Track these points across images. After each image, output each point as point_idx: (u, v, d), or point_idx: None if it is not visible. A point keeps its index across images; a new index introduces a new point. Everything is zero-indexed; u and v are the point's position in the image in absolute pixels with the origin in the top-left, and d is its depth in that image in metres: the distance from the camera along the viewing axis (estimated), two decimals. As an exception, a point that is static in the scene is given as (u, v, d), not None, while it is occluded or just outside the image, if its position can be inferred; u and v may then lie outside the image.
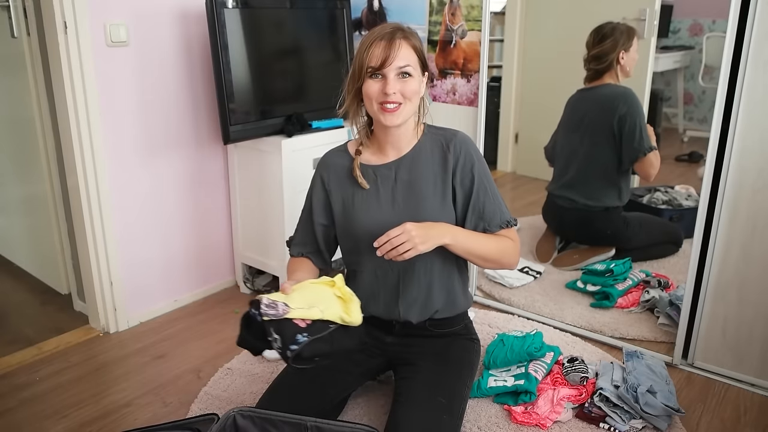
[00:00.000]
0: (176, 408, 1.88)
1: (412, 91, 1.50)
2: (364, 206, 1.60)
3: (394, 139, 1.59)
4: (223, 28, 2.16)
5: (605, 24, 2.47)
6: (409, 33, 1.52)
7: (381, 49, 1.47)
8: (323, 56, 2.59)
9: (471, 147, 1.60)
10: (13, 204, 2.79)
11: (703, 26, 2.61)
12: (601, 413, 1.74)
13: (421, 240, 1.43)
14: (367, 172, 1.61)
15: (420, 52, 1.53)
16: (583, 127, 2.59)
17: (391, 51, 1.46)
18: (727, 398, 1.91)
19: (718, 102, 1.83)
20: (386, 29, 1.49)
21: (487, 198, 1.59)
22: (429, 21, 2.48)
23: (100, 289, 2.28)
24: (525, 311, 2.40)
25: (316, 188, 1.67)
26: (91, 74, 2.09)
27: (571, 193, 2.63)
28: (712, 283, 1.97)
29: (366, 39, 1.50)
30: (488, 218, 1.59)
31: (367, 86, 1.50)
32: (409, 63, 1.49)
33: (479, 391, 1.83)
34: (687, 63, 2.69)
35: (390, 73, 1.47)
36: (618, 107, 2.45)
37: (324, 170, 1.66)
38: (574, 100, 2.61)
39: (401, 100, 1.49)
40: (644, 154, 2.44)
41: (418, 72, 1.52)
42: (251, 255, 2.59)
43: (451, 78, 2.47)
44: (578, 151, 2.61)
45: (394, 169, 1.60)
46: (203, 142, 2.49)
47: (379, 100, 1.49)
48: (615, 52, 2.43)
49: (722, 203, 1.89)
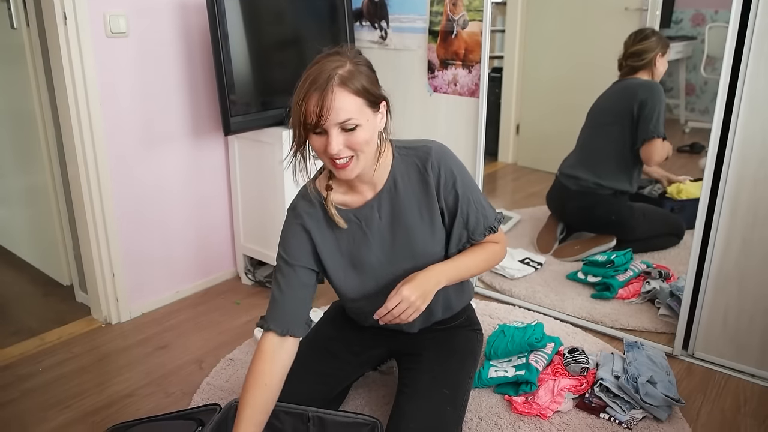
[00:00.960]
0: (178, 398, 1.89)
1: (361, 142, 1.31)
2: (355, 255, 1.49)
3: (363, 180, 1.44)
4: (223, 18, 2.15)
5: (645, 28, 2.52)
6: (347, 76, 1.28)
7: (315, 103, 1.27)
8: (323, 46, 2.57)
9: (448, 160, 1.46)
10: (14, 195, 2.79)
11: (705, 16, 2.60)
12: (601, 403, 1.75)
13: (422, 300, 1.37)
14: (348, 217, 1.47)
15: (365, 93, 1.31)
16: (607, 113, 2.61)
17: (325, 105, 1.26)
18: (727, 389, 1.92)
19: (720, 93, 1.83)
20: (321, 77, 1.27)
21: (470, 208, 1.48)
22: (430, 11, 2.47)
23: (102, 280, 2.28)
24: (526, 302, 2.40)
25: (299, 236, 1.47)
26: (91, 65, 2.08)
27: (582, 171, 2.64)
28: (712, 274, 1.97)
29: (300, 88, 1.30)
30: (472, 228, 1.50)
31: (311, 140, 1.33)
32: (351, 115, 1.28)
33: (480, 382, 1.84)
34: (689, 53, 2.68)
35: (330, 129, 1.28)
36: (642, 92, 2.50)
37: (306, 219, 1.47)
38: (605, 93, 2.63)
39: (350, 154, 1.32)
40: (655, 136, 2.47)
41: (366, 116, 1.32)
42: (252, 246, 2.60)
43: (452, 69, 2.46)
44: (598, 133, 2.63)
45: (375, 208, 1.47)
46: (203, 133, 2.49)
47: (329, 155, 1.32)
48: (654, 52, 2.48)
49: (723, 194, 1.89)
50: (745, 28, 1.76)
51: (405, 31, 2.54)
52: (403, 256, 1.48)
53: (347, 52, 1.35)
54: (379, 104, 1.36)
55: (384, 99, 1.38)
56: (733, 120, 1.83)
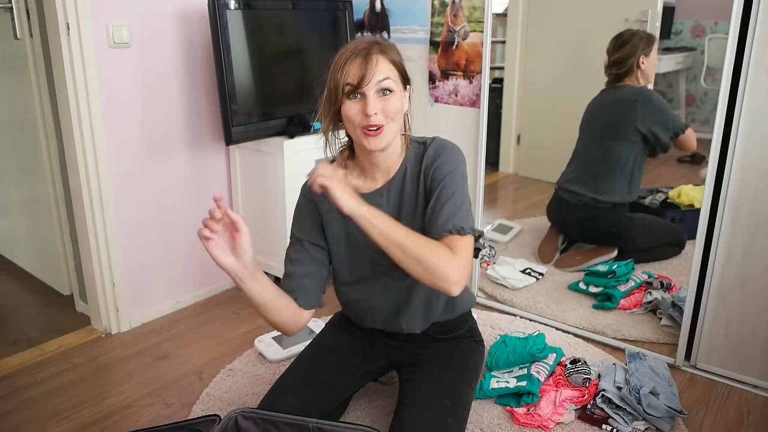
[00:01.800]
0: (178, 409, 1.88)
1: (395, 109, 1.37)
2: (359, 236, 1.46)
3: (381, 162, 1.47)
4: (225, 29, 2.16)
5: (625, 31, 2.51)
6: (387, 46, 1.39)
7: (357, 66, 1.34)
8: (325, 57, 2.56)
9: (443, 150, 1.46)
10: (16, 205, 2.79)
11: (705, 28, 2.61)
12: (603, 415, 1.74)
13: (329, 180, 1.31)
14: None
15: (400, 66, 1.41)
16: (603, 125, 2.61)
17: (368, 67, 1.33)
18: (730, 400, 1.90)
19: (720, 104, 1.83)
20: (361, 44, 1.37)
21: (449, 200, 1.40)
22: (431, 22, 2.48)
23: (102, 290, 2.28)
24: (527, 312, 2.40)
25: (309, 213, 1.53)
26: (94, 76, 2.09)
27: (579, 186, 2.63)
28: (714, 284, 1.96)
29: (340, 56, 1.37)
30: (442, 219, 1.38)
31: (345, 108, 1.36)
32: (389, 77, 1.36)
33: (481, 393, 1.83)
34: (689, 64, 2.69)
35: (369, 91, 1.34)
36: (639, 107, 2.50)
37: (313, 197, 1.50)
38: (594, 102, 2.63)
39: (383, 122, 1.36)
40: (681, 132, 2.47)
41: (400, 87, 1.40)
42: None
43: (453, 79, 2.47)
44: (596, 146, 2.63)
45: (385, 196, 1.49)
46: (205, 143, 2.49)
47: (362, 124, 1.36)
48: (635, 57, 2.47)
49: (725, 205, 1.89)
50: (744, 39, 1.77)
51: (406, 42, 2.56)
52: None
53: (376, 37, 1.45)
54: (407, 84, 1.45)
55: (410, 82, 1.46)
56: (733, 131, 1.83)
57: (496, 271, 2.60)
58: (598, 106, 2.62)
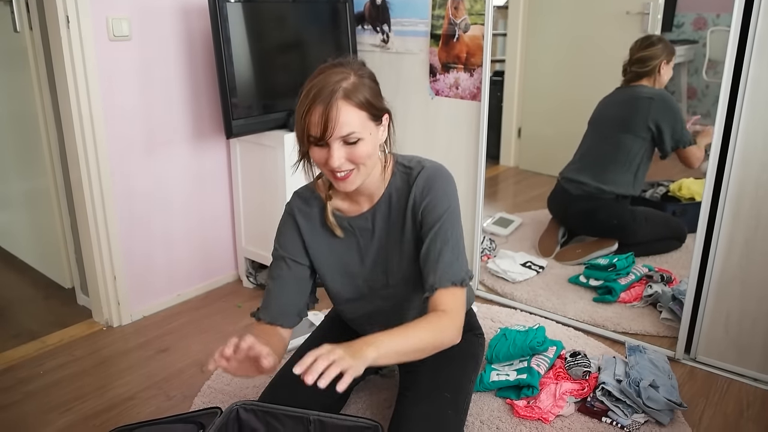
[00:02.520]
0: (179, 401, 1.89)
1: (363, 156, 1.30)
2: (346, 258, 1.49)
3: (361, 190, 1.42)
4: (225, 22, 2.15)
5: (652, 35, 2.52)
6: (351, 89, 1.26)
7: (319, 116, 1.25)
8: (326, 50, 2.58)
9: (436, 185, 1.40)
10: (16, 198, 2.79)
11: (707, 20, 2.60)
12: (603, 407, 1.74)
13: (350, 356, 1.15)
14: (343, 224, 1.47)
15: (368, 106, 1.29)
16: (614, 121, 2.61)
17: (329, 118, 1.24)
18: (730, 393, 1.91)
19: (722, 97, 1.83)
20: (325, 89, 1.25)
21: (446, 247, 1.37)
22: (432, 15, 2.47)
23: (104, 283, 2.28)
24: (527, 306, 2.40)
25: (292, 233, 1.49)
26: (94, 69, 2.09)
27: (584, 176, 2.64)
28: (715, 277, 1.96)
29: (304, 98, 1.27)
30: (441, 271, 1.35)
31: (312, 153, 1.31)
32: (354, 129, 1.26)
33: (482, 385, 1.84)
34: (691, 57, 2.68)
35: (333, 142, 1.27)
36: (655, 107, 2.52)
37: (300, 218, 1.48)
38: (608, 98, 2.62)
39: (351, 167, 1.31)
40: (684, 146, 2.49)
41: (369, 130, 1.30)
42: (254, 249, 2.60)
43: (453, 72, 2.46)
44: (604, 137, 2.64)
45: (370, 220, 1.46)
46: (205, 136, 2.49)
47: (329, 168, 1.31)
48: (659, 59, 2.49)
49: (725, 198, 1.89)
50: (746, 32, 1.76)
51: (407, 35, 2.55)
52: (384, 270, 1.49)
53: (351, 64, 1.33)
54: (381, 117, 1.35)
55: (387, 112, 1.37)
56: (734, 123, 1.83)
57: (496, 265, 2.61)
58: (612, 103, 2.62)
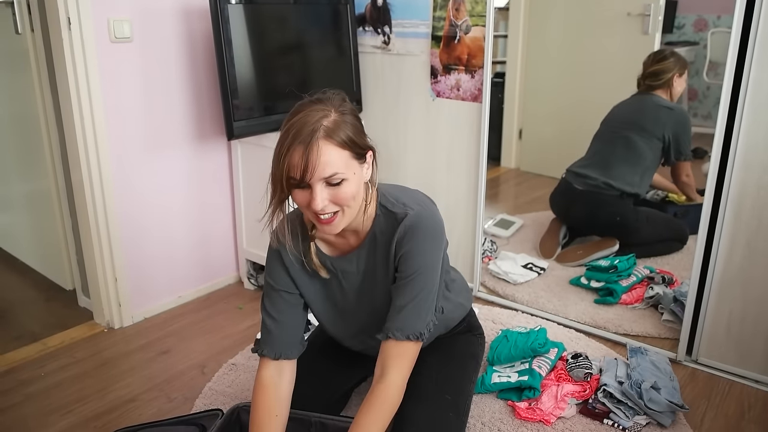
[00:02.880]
0: (181, 403, 1.88)
1: (347, 198, 1.24)
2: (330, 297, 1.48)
3: (345, 233, 1.39)
4: (226, 23, 2.15)
5: (665, 48, 2.54)
6: (332, 127, 1.21)
7: (299, 157, 1.19)
8: (327, 52, 2.58)
9: (419, 233, 1.34)
10: (18, 200, 2.80)
11: (708, 22, 2.59)
12: (605, 409, 1.74)
13: None
14: (326, 264, 1.43)
15: (351, 145, 1.24)
16: (629, 123, 2.62)
17: (310, 159, 1.19)
18: (731, 394, 1.91)
19: (723, 98, 1.83)
20: (305, 128, 1.20)
21: (411, 302, 1.34)
22: (433, 16, 2.47)
23: (105, 284, 2.28)
24: (529, 307, 2.40)
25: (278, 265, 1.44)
26: (95, 70, 2.09)
27: (592, 171, 2.65)
28: (716, 279, 1.96)
29: (283, 138, 1.22)
30: (400, 323, 1.33)
31: (294, 195, 1.26)
32: (337, 170, 1.21)
33: (483, 387, 1.83)
34: (691, 59, 2.68)
35: (315, 184, 1.21)
36: (672, 121, 2.55)
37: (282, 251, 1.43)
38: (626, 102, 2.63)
39: (336, 209, 1.26)
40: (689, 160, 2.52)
41: (352, 170, 1.25)
42: (255, 251, 2.60)
43: (455, 74, 2.46)
44: (616, 139, 2.65)
45: (354, 262, 1.42)
46: (207, 137, 2.49)
47: (312, 211, 1.25)
48: (672, 72, 2.50)
49: (727, 199, 1.89)
50: (747, 34, 1.76)
51: (408, 36, 2.55)
52: (371, 309, 1.47)
53: (331, 100, 1.27)
54: (365, 155, 1.29)
55: (370, 149, 1.31)
56: (736, 125, 1.83)
57: (497, 266, 2.61)
58: (629, 106, 2.63)
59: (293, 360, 1.46)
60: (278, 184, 1.25)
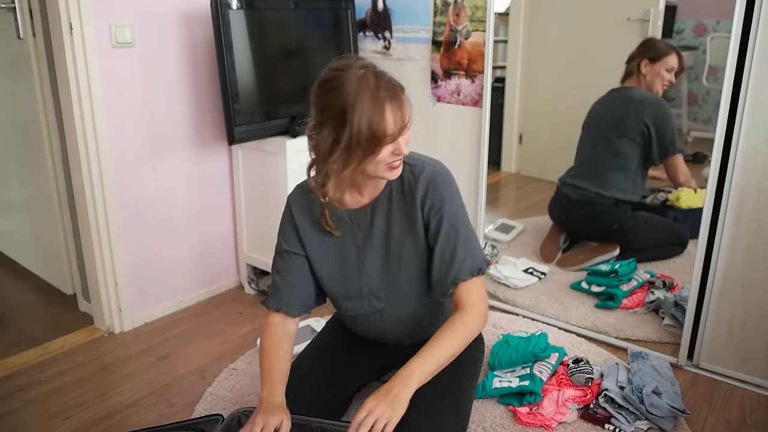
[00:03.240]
0: (181, 408, 1.88)
1: (410, 140, 1.38)
2: (342, 255, 1.53)
3: (376, 183, 1.47)
4: (227, 29, 2.16)
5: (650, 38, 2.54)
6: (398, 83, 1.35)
7: (391, 113, 1.28)
8: (328, 57, 2.55)
9: (440, 184, 1.44)
10: (19, 204, 2.80)
11: (707, 27, 2.60)
12: (606, 414, 1.74)
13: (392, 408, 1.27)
14: (342, 216, 1.49)
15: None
16: (608, 121, 2.61)
17: (404, 111, 1.30)
18: (733, 399, 1.90)
19: (722, 102, 1.83)
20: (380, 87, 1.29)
21: (459, 241, 1.44)
22: (433, 21, 2.48)
23: (105, 289, 2.28)
24: (529, 312, 2.40)
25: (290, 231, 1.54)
26: (97, 75, 2.10)
27: (583, 181, 2.64)
28: (717, 284, 1.96)
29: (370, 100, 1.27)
30: (458, 264, 1.43)
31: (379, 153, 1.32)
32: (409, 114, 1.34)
33: (484, 392, 1.83)
34: (691, 63, 2.69)
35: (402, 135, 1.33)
36: (647, 111, 2.52)
37: (297, 213, 1.53)
38: (601, 100, 2.63)
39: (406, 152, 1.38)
40: (677, 152, 2.50)
41: None
42: (256, 256, 2.60)
43: (455, 78, 2.47)
44: (600, 141, 2.64)
45: (369, 213, 1.49)
46: (208, 142, 2.49)
47: (390, 162, 1.34)
48: (637, 59, 2.48)
49: (727, 204, 1.89)
50: (747, 38, 1.77)
51: (408, 42, 2.56)
52: (385, 265, 1.52)
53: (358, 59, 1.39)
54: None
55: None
56: (735, 129, 1.83)
57: (498, 271, 2.60)
58: (605, 105, 2.63)
59: (293, 319, 1.54)
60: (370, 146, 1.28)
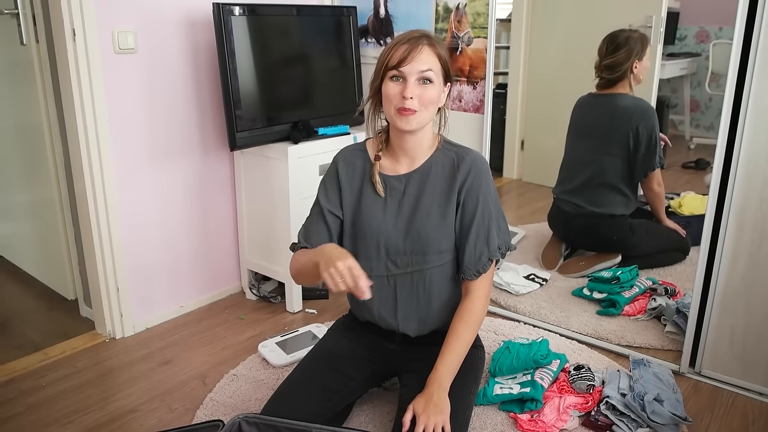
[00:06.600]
0: (182, 414, 1.88)
1: (430, 99, 1.48)
2: (370, 212, 1.60)
3: (409, 148, 1.57)
4: (230, 35, 2.17)
5: (619, 32, 2.44)
6: (436, 40, 1.50)
7: (403, 51, 1.45)
8: (330, 63, 2.60)
9: (481, 169, 1.58)
10: (21, 210, 2.81)
11: (709, 33, 2.61)
12: (607, 421, 1.73)
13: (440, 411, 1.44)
14: (383, 179, 1.60)
15: (444, 61, 1.51)
16: (594, 134, 2.59)
17: (413, 52, 1.45)
18: (735, 407, 1.90)
19: (725, 109, 1.83)
20: (414, 33, 1.49)
21: (492, 222, 1.59)
22: (435, 28, 2.49)
23: (107, 294, 2.28)
24: (531, 318, 2.39)
25: (331, 181, 1.64)
26: (99, 81, 2.10)
27: (577, 199, 2.63)
28: (719, 290, 1.95)
29: (392, 41, 1.50)
30: (492, 245, 1.59)
31: (386, 87, 1.48)
32: (431, 68, 1.47)
33: (485, 399, 1.82)
34: (693, 70, 2.69)
35: (410, 76, 1.45)
36: (635, 120, 2.45)
37: (341, 165, 1.64)
38: (585, 105, 2.61)
39: (417, 108, 1.47)
40: (653, 169, 2.47)
41: (440, 80, 1.50)
42: (257, 261, 2.60)
43: (457, 85, 2.47)
44: (587, 158, 2.61)
45: (404, 183, 1.59)
46: (210, 148, 2.50)
47: (397, 105, 1.47)
48: (629, 62, 2.41)
49: (729, 211, 1.88)
50: (749, 45, 1.77)
51: (410, 48, 2.56)
52: (409, 235, 1.58)
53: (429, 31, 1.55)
54: (449, 81, 1.55)
55: (451, 82, 1.57)
56: (738, 136, 1.83)
57: (499, 277, 2.60)
58: (589, 111, 2.59)
59: None
60: (377, 73, 1.51)
